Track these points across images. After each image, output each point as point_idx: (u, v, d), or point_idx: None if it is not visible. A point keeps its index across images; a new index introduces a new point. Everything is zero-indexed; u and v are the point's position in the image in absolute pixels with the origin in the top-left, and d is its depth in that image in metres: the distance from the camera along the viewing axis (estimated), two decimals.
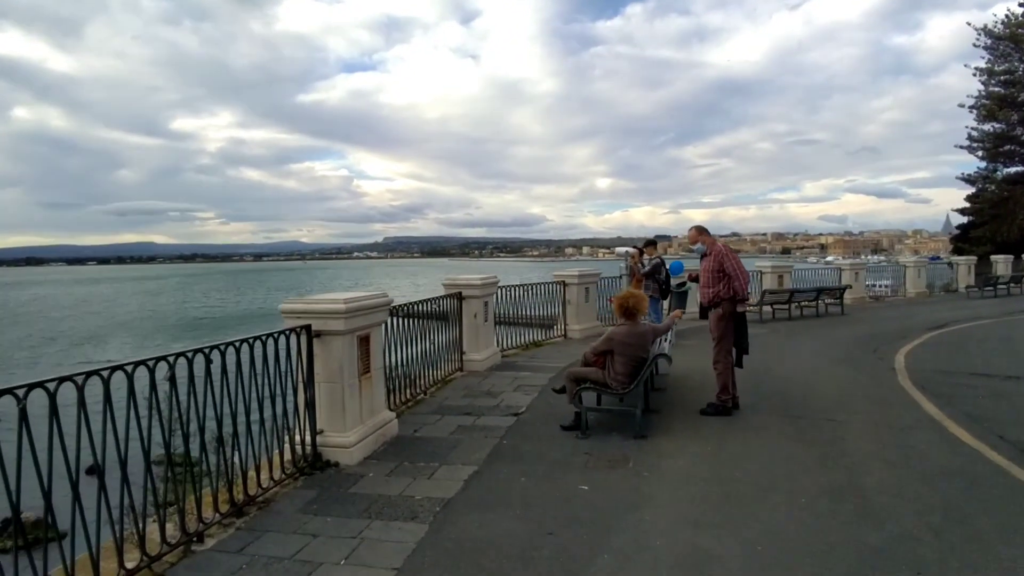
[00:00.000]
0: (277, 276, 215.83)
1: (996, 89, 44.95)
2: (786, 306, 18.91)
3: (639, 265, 14.42)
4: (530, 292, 14.38)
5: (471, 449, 7.08)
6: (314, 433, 6.31)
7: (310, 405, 6.22)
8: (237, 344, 5.23)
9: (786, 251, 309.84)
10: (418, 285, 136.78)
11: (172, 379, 4.53)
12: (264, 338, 5.55)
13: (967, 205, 48.24)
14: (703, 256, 8.79)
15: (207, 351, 4.88)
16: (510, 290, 13.67)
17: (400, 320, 8.62)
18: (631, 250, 14.19)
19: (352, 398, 6.56)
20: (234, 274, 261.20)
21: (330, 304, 6.23)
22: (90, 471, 4.23)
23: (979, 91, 45.38)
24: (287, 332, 5.92)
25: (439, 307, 10.23)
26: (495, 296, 12.36)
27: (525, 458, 6.79)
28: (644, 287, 14.59)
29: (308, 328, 6.17)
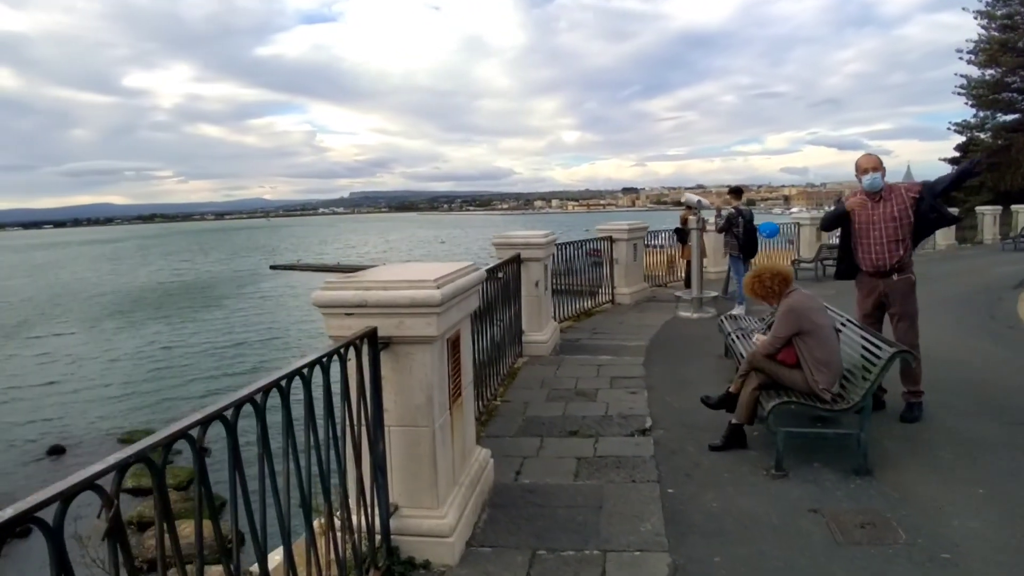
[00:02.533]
0: (241, 235, 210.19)
1: (996, 34, 42.74)
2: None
3: (711, 219, 11.89)
4: (581, 251, 11.67)
5: (630, 511, 4.28)
6: (385, 514, 3.52)
7: (379, 468, 3.42)
8: (259, 396, 2.39)
9: (751, 203, 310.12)
10: (388, 241, 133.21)
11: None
12: (306, 370, 2.72)
13: (957, 155, 46.31)
14: (877, 197, 6.01)
15: (194, 432, 2.04)
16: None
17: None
18: (703, 200, 11.48)
19: (444, 446, 3.74)
20: (195, 234, 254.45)
21: (412, 290, 3.38)
22: None
23: (979, 35, 43.17)
24: (341, 349, 3.07)
25: (502, 276, 7.39)
26: (552, 257, 9.55)
27: (726, 526, 4.08)
28: (723, 243, 12.01)
29: (372, 335, 3.35)
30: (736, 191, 12.52)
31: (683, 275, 14.08)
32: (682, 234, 12.79)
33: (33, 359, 31.96)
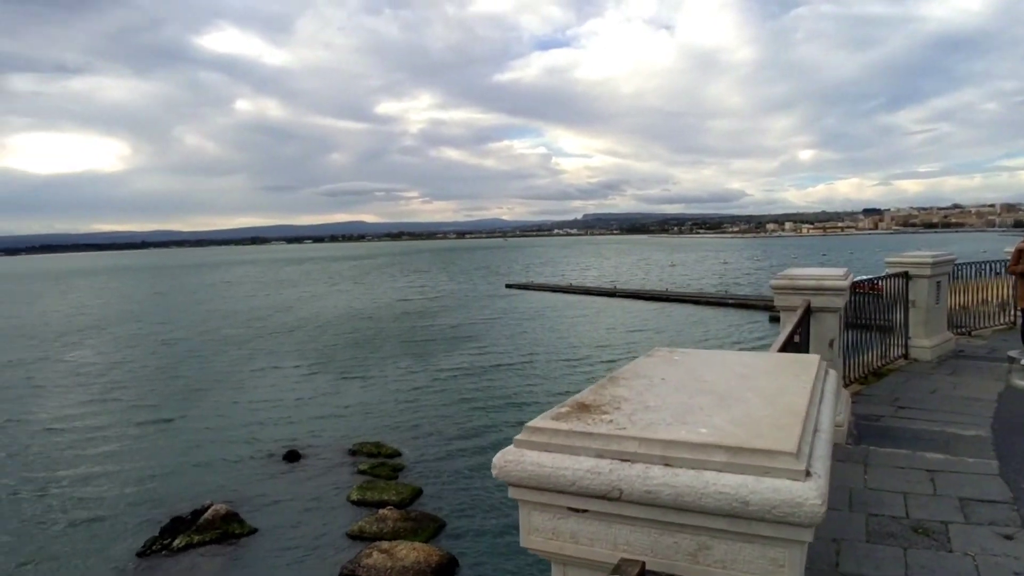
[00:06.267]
0: (480, 254, 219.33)
1: None
2: None
3: None
4: (869, 293, 8.99)
5: None
6: None
7: None
8: None
9: (1019, 224, 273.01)
10: (622, 264, 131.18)
11: None
12: None
13: None
14: None
15: None
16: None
17: None
18: None
19: None
20: (437, 252, 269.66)
21: None
22: None
23: None
24: None
25: (797, 339, 5.11)
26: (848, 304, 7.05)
27: None
28: None
29: None
30: None
31: (1018, 324, 10.85)
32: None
33: (274, 373, 33.56)
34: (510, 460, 1.54)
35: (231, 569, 14.03)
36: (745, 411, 1.60)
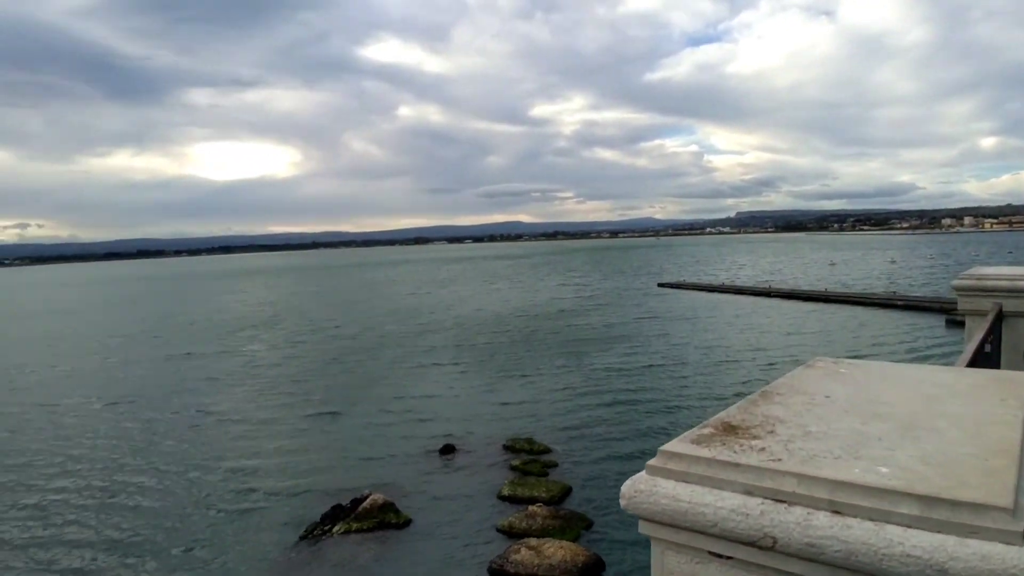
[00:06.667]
0: (633, 253, 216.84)
1: None
2: None
3: None
4: None
5: None
6: None
7: None
8: None
9: None
10: (777, 260, 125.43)
11: None
12: None
13: None
14: None
15: None
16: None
17: None
18: None
19: None
20: (591, 251, 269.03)
21: None
22: None
23: None
24: None
25: (989, 350, 4.47)
26: None
27: None
28: None
29: None
30: None
31: None
32: None
33: (433, 370, 34.42)
34: (641, 490, 1.30)
35: (386, 556, 14.50)
36: (939, 446, 1.27)
